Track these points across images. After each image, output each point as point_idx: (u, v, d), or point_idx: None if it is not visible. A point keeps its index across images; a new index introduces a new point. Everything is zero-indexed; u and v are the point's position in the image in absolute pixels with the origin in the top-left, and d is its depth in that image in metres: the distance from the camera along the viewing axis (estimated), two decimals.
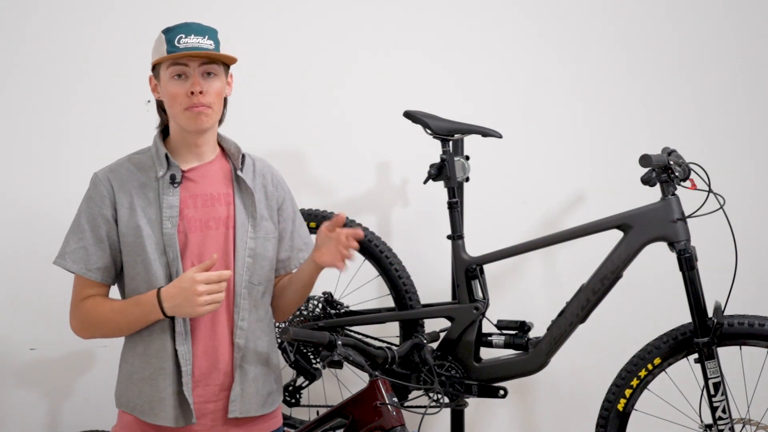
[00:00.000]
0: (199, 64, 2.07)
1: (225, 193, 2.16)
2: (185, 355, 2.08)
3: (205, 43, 2.08)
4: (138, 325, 2.08)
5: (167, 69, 2.08)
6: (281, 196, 2.26)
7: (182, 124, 2.10)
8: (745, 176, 3.05)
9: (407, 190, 3.11)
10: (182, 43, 2.06)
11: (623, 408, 2.43)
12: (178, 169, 2.12)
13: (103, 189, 2.11)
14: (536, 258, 3.05)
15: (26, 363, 3.00)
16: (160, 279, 2.07)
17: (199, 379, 2.10)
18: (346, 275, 2.93)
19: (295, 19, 3.10)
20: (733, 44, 3.06)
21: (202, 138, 2.14)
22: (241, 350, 2.13)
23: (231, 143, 2.21)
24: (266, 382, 2.20)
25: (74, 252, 2.10)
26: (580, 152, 3.08)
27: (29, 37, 2.99)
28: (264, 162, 2.28)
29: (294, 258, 2.29)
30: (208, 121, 2.09)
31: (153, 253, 2.07)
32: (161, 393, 2.07)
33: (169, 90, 2.08)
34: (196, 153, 2.15)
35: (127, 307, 2.08)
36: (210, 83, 2.08)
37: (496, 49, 3.10)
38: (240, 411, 2.13)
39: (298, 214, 2.33)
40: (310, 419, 2.67)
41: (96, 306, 2.10)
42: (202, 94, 2.06)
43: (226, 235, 2.13)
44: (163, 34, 2.09)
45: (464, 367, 2.63)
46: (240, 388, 2.13)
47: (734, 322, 2.33)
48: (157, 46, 2.11)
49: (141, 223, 2.08)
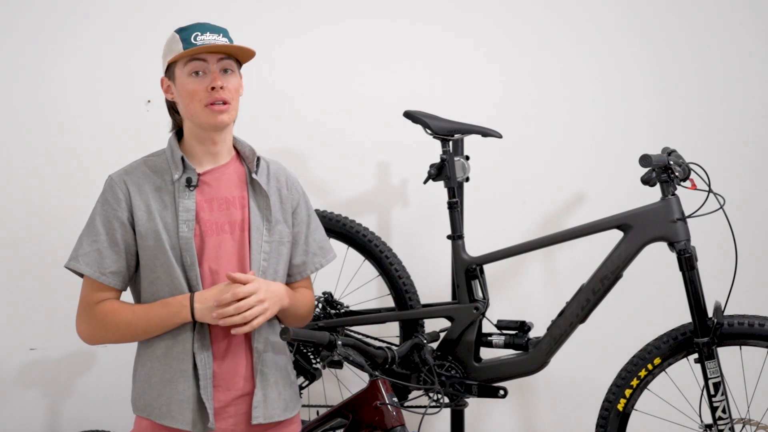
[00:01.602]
0: (217, 59, 2.06)
1: (240, 197, 2.14)
2: (204, 359, 2.07)
3: (220, 40, 2.07)
4: (162, 328, 2.06)
5: (185, 66, 2.06)
6: (295, 199, 2.24)
7: (201, 122, 2.07)
8: (745, 176, 3.04)
9: (407, 190, 3.11)
10: (199, 40, 2.04)
11: (623, 408, 2.43)
12: (194, 172, 2.10)
13: (119, 192, 2.08)
14: (536, 258, 3.05)
15: (26, 363, 3.00)
16: (181, 281, 2.05)
17: (218, 383, 2.08)
18: (346, 275, 2.95)
19: (295, 20, 3.10)
20: (733, 44, 3.06)
21: (219, 137, 2.12)
22: (260, 354, 2.12)
23: (246, 146, 2.19)
24: (286, 385, 2.18)
25: (88, 254, 2.07)
26: (580, 152, 3.08)
27: (29, 38, 3.00)
28: (278, 165, 2.26)
29: (309, 263, 2.26)
30: (227, 118, 2.08)
31: (171, 256, 2.05)
32: (180, 396, 2.05)
33: (187, 87, 2.06)
34: (212, 153, 2.13)
35: (153, 309, 2.05)
36: (228, 79, 2.07)
37: (497, 49, 3.10)
38: (264, 417, 2.11)
39: (314, 218, 2.30)
40: (310, 419, 2.67)
41: (116, 310, 2.07)
42: (223, 89, 2.05)
43: (241, 239, 2.12)
44: (177, 34, 2.07)
45: (464, 367, 2.63)
46: (262, 393, 2.11)
47: (734, 322, 2.33)
48: (170, 45, 2.09)
49: (159, 226, 2.06)
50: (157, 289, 2.08)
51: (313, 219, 2.29)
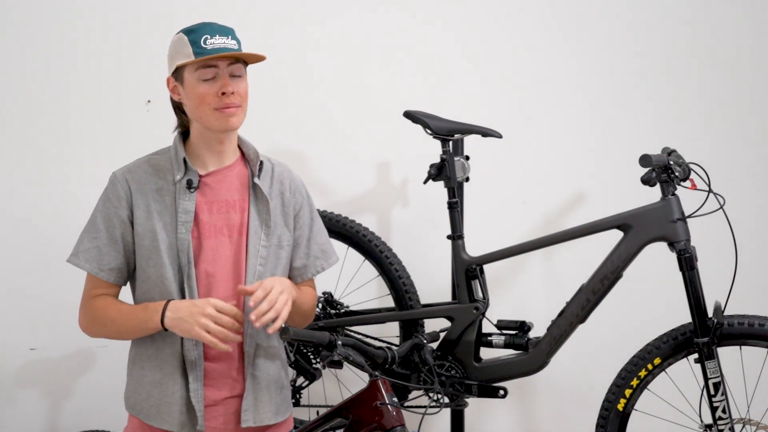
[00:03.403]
0: (227, 64, 2.06)
1: (240, 200, 2.14)
2: (195, 361, 2.07)
3: (230, 43, 2.06)
4: (138, 331, 2.07)
5: (195, 71, 2.05)
6: (299, 202, 2.23)
7: (210, 125, 2.07)
8: (745, 176, 3.04)
9: (407, 190, 3.11)
10: (209, 44, 2.03)
11: (623, 408, 2.43)
12: (195, 174, 2.10)
13: (120, 190, 2.09)
14: (536, 258, 3.05)
15: (26, 363, 3.00)
16: (173, 283, 2.06)
17: (209, 383, 2.09)
18: (346, 275, 2.95)
19: (295, 20, 3.10)
20: (733, 44, 3.06)
21: (226, 138, 2.12)
22: (251, 358, 2.12)
23: (250, 148, 2.19)
24: (278, 389, 2.18)
25: (88, 251, 2.09)
26: (580, 152, 3.08)
27: (29, 38, 3.00)
28: (284, 167, 2.26)
29: (311, 266, 2.25)
30: (237, 121, 2.08)
31: (167, 257, 2.06)
32: (169, 398, 2.07)
33: (197, 92, 2.05)
34: (218, 153, 2.13)
35: (134, 311, 2.07)
36: (238, 83, 2.07)
37: (497, 48, 3.10)
38: (254, 420, 2.12)
39: (317, 221, 2.29)
40: (310, 419, 2.67)
41: (106, 306, 2.09)
42: (234, 95, 2.05)
43: (239, 242, 2.12)
44: (185, 35, 2.06)
45: (464, 367, 2.63)
46: (253, 396, 2.12)
47: (734, 322, 2.33)
48: (178, 47, 2.07)
49: (157, 227, 2.07)
50: (148, 289, 2.09)
51: (316, 222, 2.28)
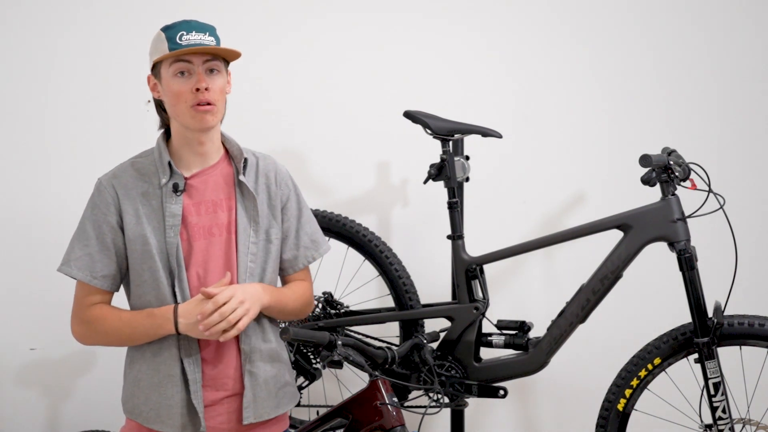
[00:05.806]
0: (202, 61, 2.05)
1: (227, 199, 2.14)
2: (193, 362, 2.07)
3: (206, 39, 2.06)
4: (147, 338, 2.07)
5: (170, 67, 2.05)
6: (285, 194, 2.23)
7: (186, 123, 2.07)
8: (745, 176, 3.04)
9: (407, 190, 3.11)
10: (184, 40, 2.03)
11: (623, 408, 2.43)
12: (180, 178, 2.10)
13: (107, 196, 2.08)
14: (536, 258, 3.05)
15: (26, 363, 3.00)
16: (166, 287, 2.06)
17: (208, 383, 2.09)
18: (346, 275, 2.95)
19: (295, 19, 3.10)
20: (733, 44, 3.06)
21: (206, 136, 2.11)
22: (247, 356, 2.12)
23: (234, 145, 2.18)
24: (278, 380, 2.18)
25: (79, 259, 2.08)
26: (580, 152, 3.08)
27: (28, 38, 3.00)
28: (269, 159, 2.25)
29: (301, 257, 2.25)
30: (213, 119, 2.07)
31: (159, 260, 2.06)
32: (169, 401, 2.06)
33: (172, 88, 2.05)
34: (200, 153, 2.12)
35: (138, 318, 2.06)
36: (214, 80, 2.06)
37: (497, 48, 3.10)
38: (255, 416, 2.12)
39: (306, 211, 2.28)
40: (310, 419, 2.67)
41: (105, 315, 2.08)
42: (208, 91, 2.03)
43: (228, 241, 2.12)
44: (163, 32, 2.06)
45: (464, 367, 2.63)
46: (252, 393, 2.12)
47: (734, 322, 2.33)
48: (156, 44, 2.08)
49: (146, 231, 2.06)
50: (143, 293, 2.09)
51: (304, 212, 2.27)
